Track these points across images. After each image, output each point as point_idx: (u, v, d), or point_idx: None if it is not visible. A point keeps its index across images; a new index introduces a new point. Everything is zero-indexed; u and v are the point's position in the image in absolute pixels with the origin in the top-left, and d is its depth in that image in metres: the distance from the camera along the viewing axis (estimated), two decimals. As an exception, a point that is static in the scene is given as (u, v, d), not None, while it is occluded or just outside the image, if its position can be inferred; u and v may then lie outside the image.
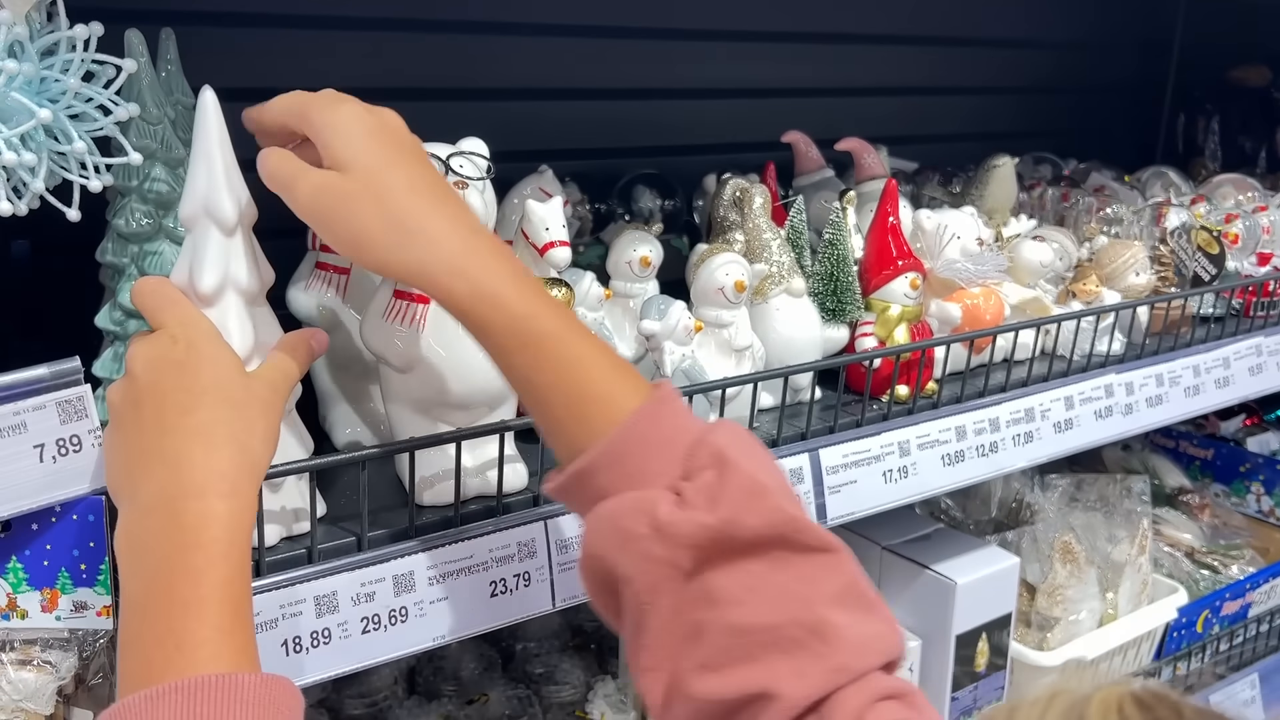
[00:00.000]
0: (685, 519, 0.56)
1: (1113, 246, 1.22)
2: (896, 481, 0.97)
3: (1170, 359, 1.21)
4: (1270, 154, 2.04)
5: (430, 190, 0.63)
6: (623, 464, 0.59)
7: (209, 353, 0.61)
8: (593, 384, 0.61)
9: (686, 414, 0.62)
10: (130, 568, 0.57)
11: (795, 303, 0.98)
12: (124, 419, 0.61)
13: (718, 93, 1.55)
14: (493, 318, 0.61)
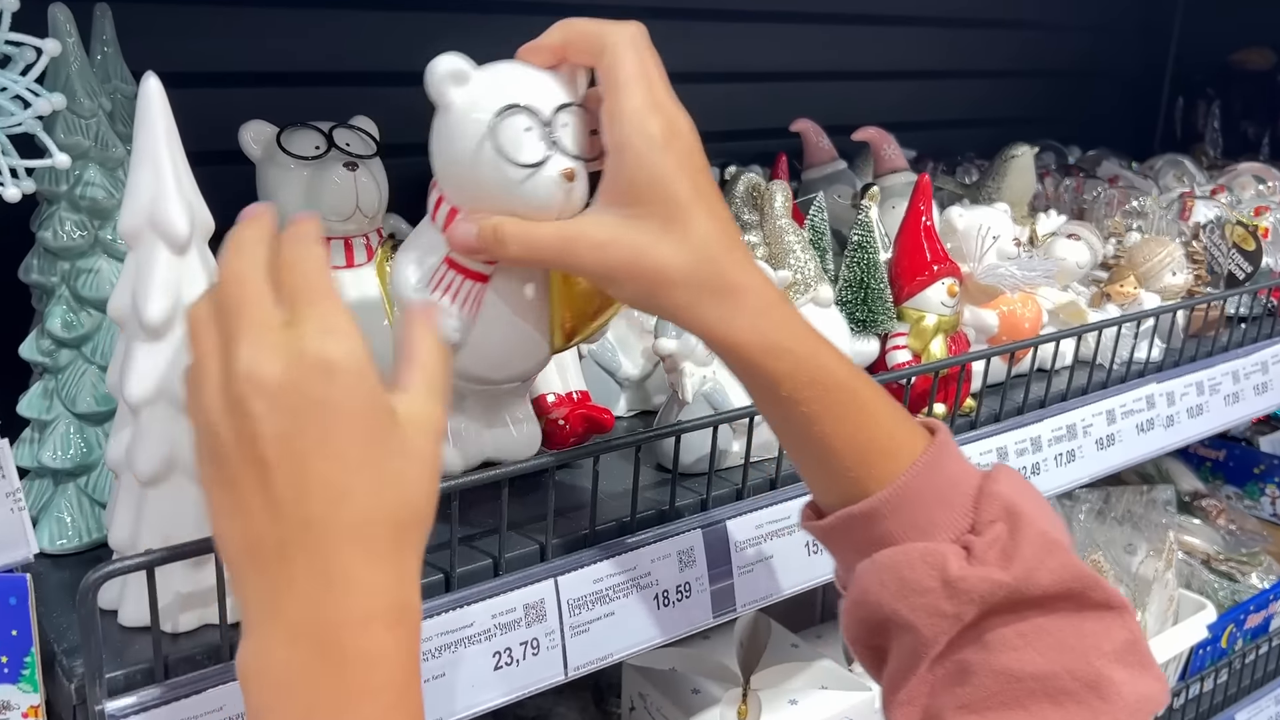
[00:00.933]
0: (978, 576, 0.54)
1: (1147, 244, 1.13)
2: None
3: (1210, 364, 1.12)
4: (1274, 140, 1.97)
5: (723, 227, 0.57)
6: (909, 512, 0.57)
7: (360, 391, 0.44)
8: (879, 430, 0.58)
9: (963, 459, 0.59)
10: (269, 704, 0.44)
11: (823, 313, 0.88)
12: (236, 472, 0.44)
13: (717, 76, 1.45)
14: (779, 370, 0.57)
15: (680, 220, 0.54)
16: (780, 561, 0.77)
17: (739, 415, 0.76)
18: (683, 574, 0.73)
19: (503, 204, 0.57)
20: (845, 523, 0.59)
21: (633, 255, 0.55)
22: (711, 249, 0.55)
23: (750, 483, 0.78)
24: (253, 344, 0.44)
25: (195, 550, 0.54)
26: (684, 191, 0.54)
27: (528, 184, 0.57)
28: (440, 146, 0.59)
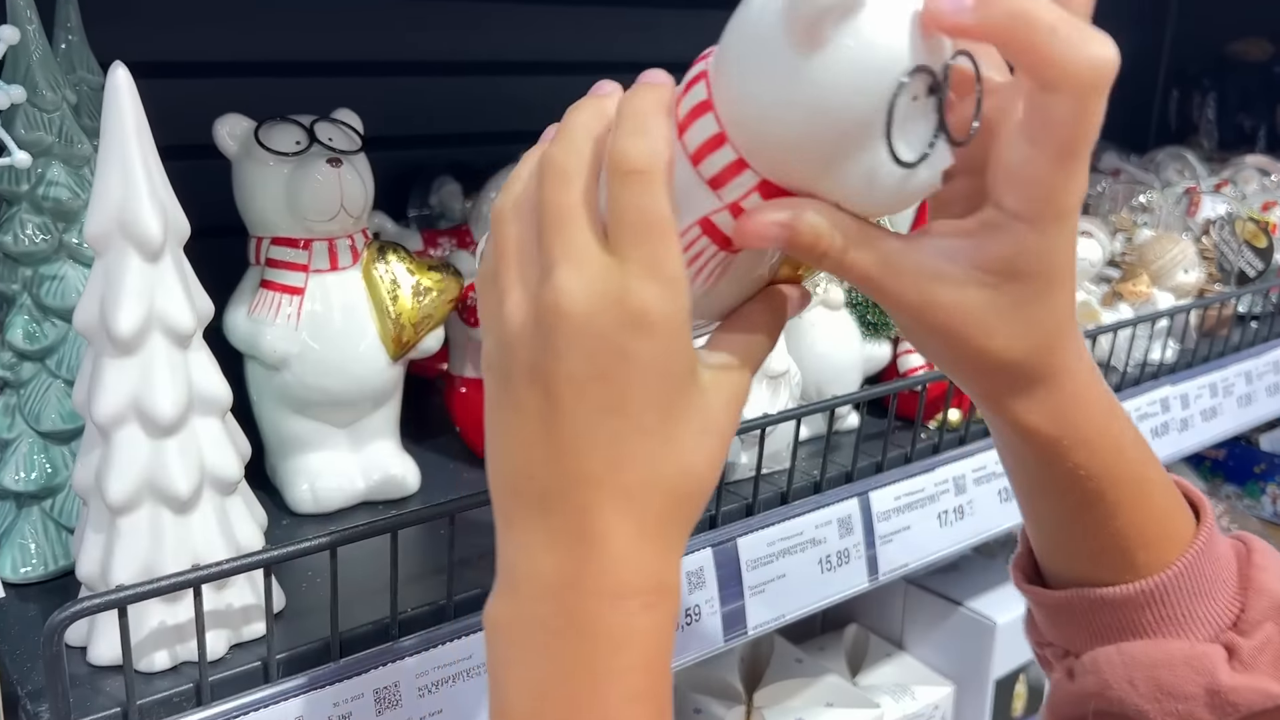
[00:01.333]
0: (1250, 687, 0.49)
1: (1158, 242, 1.10)
2: (953, 524, 0.84)
3: (1223, 365, 1.09)
4: (1270, 132, 1.95)
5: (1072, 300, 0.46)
6: (1170, 605, 0.50)
7: (672, 350, 0.39)
8: (1153, 519, 0.50)
9: (1223, 542, 0.52)
10: (509, 666, 0.41)
11: (832, 317, 0.84)
12: (524, 395, 0.40)
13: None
14: (1074, 458, 0.47)
15: (1039, 301, 0.42)
16: (793, 580, 0.73)
17: (749, 427, 0.71)
18: (692, 596, 0.68)
19: (829, 188, 0.40)
20: (1088, 603, 0.52)
21: (969, 328, 0.42)
22: (1055, 334, 0.44)
23: (761, 497, 0.74)
24: (570, 270, 0.39)
25: (171, 586, 0.49)
26: (1061, 271, 0.42)
27: (892, 186, 0.39)
28: (777, 97, 0.38)
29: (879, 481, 0.79)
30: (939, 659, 1.08)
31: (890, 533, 0.79)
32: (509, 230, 0.41)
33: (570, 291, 0.38)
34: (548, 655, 0.40)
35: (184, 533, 0.53)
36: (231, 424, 0.56)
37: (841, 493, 0.78)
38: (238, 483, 0.56)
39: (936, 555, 0.82)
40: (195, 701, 0.52)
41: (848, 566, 0.77)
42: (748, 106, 0.39)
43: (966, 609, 1.05)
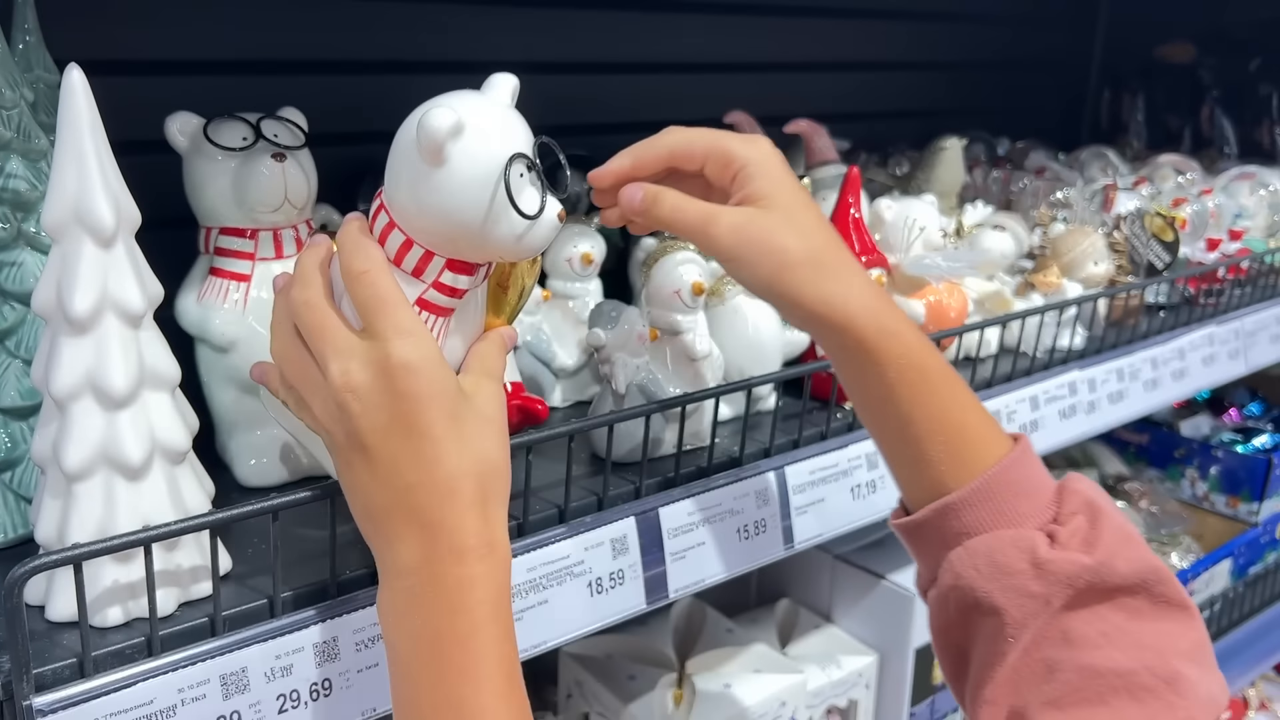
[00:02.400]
0: (1064, 559, 0.60)
1: (1070, 235, 1.16)
2: (865, 497, 0.89)
3: (1129, 352, 1.16)
4: (1195, 132, 2.03)
5: (832, 229, 0.67)
6: (998, 502, 0.63)
7: (431, 380, 0.55)
8: (971, 424, 0.65)
9: (1042, 465, 0.66)
10: (395, 629, 0.56)
11: (755, 304, 0.89)
12: (345, 453, 0.56)
13: (650, 67, 1.46)
14: (892, 351, 0.64)
15: (799, 218, 0.64)
16: (713, 547, 0.79)
17: (672, 404, 0.77)
18: (616, 561, 0.74)
19: (489, 251, 0.57)
20: (938, 514, 0.65)
21: (764, 236, 0.64)
22: (826, 242, 0.65)
23: (683, 470, 0.80)
24: (341, 360, 0.55)
25: (122, 545, 0.54)
26: (802, 201, 0.66)
27: (529, 235, 0.56)
28: (431, 201, 0.55)
29: (795, 457, 0.85)
30: (864, 630, 1.14)
31: (805, 505, 0.85)
32: (294, 358, 0.57)
33: (349, 372, 0.54)
34: (418, 610, 0.54)
35: (136, 499, 0.58)
36: (180, 398, 0.61)
37: (759, 467, 0.83)
38: (186, 453, 0.60)
39: (849, 526, 0.88)
40: (146, 653, 0.57)
41: (764, 535, 0.82)
42: (417, 217, 0.56)
43: (889, 582, 1.10)
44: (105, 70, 0.60)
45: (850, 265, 0.65)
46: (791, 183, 0.66)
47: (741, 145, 0.66)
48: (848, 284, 0.64)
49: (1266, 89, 1.94)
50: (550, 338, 0.91)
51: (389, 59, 1.20)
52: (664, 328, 0.82)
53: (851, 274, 0.65)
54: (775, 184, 0.65)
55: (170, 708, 0.56)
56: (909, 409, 0.64)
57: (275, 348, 0.58)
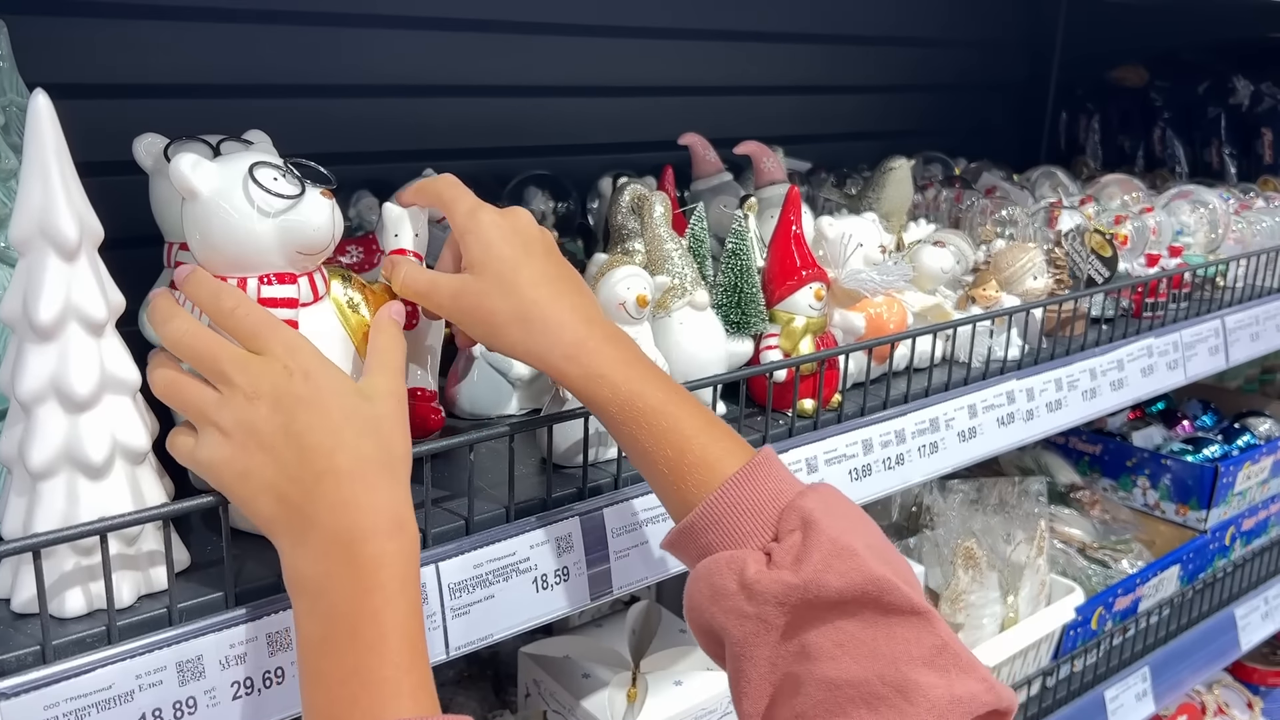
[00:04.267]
0: (770, 578, 0.61)
1: (1010, 250, 1.21)
2: (804, 500, 0.93)
3: (1068, 363, 1.21)
4: (1148, 153, 2.09)
5: (551, 284, 0.72)
6: (721, 524, 0.65)
7: (328, 382, 0.62)
8: (693, 451, 0.67)
9: (783, 477, 0.67)
10: (307, 608, 0.59)
11: (698, 316, 0.93)
12: (254, 457, 0.60)
13: (610, 90, 1.51)
14: (601, 395, 0.69)
15: (510, 281, 0.70)
16: (655, 547, 0.83)
17: (614, 410, 0.81)
18: (561, 559, 0.78)
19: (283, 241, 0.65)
20: (678, 538, 0.68)
21: (475, 301, 0.71)
22: (535, 300, 0.70)
23: (626, 474, 0.84)
24: (243, 373, 0.61)
25: (77, 534, 0.58)
26: (515, 264, 0.71)
27: (298, 215, 0.65)
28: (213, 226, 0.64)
29: (736, 461, 0.89)
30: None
31: (746, 506, 0.89)
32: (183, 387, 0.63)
33: (254, 384, 0.60)
34: (332, 589, 0.58)
35: (97, 496, 0.61)
36: (140, 402, 0.64)
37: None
38: (146, 453, 0.64)
39: (790, 527, 0.92)
40: (105, 641, 0.60)
41: (706, 536, 0.86)
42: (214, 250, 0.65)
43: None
44: (78, 93, 0.64)
45: (559, 319, 0.70)
46: (508, 247, 0.71)
47: (463, 215, 0.73)
48: (555, 338, 0.70)
49: (1215, 111, 2.00)
50: (505, 349, 0.95)
51: (351, 83, 1.25)
52: (610, 338, 0.86)
53: (560, 328, 0.70)
54: (486, 250, 0.71)
55: (128, 693, 0.60)
56: (632, 444, 0.70)
57: (161, 382, 0.63)
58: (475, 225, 0.72)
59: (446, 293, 0.72)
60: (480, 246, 0.71)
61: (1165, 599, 1.57)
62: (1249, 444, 1.81)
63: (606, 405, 0.69)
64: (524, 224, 0.74)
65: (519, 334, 0.70)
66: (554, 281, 0.72)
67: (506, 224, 0.73)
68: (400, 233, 0.79)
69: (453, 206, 0.73)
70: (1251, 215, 1.62)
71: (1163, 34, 2.09)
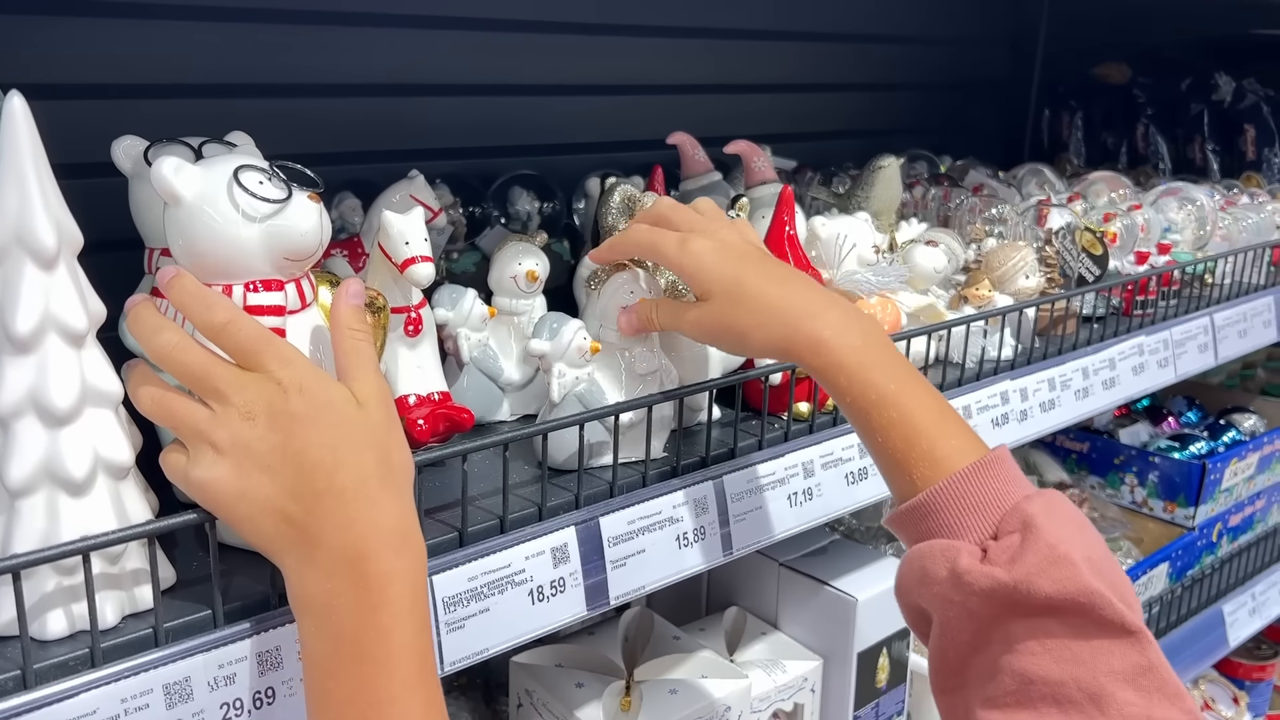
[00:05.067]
0: (981, 571, 0.63)
1: (1002, 250, 1.20)
2: (801, 504, 0.92)
3: (1060, 362, 1.20)
4: (1131, 149, 2.09)
5: (778, 284, 0.76)
6: (943, 514, 0.67)
7: (323, 396, 0.60)
8: (920, 445, 0.70)
9: (1012, 479, 0.68)
10: (314, 627, 0.58)
11: (692, 319, 0.92)
12: (252, 477, 0.58)
13: (596, 89, 1.49)
14: (839, 384, 0.73)
15: (738, 294, 0.76)
16: (652, 555, 0.81)
17: (605, 413, 0.79)
18: (557, 570, 0.76)
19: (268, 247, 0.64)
20: (899, 519, 0.71)
21: (717, 323, 0.78)
22: (769, 303, 0.75)
23: (622, 480, 0.82)
24: (238, 391, 0.59)
25: (59, 554, 0.55)
26: (736, 278, 0.76)
27: (285, 219, 0.63)
28: (197, 231, 0.63)
29: (732, 466, 0.88)
30: (809, 635, 1.16)
31: (743, 513, 0.87)
32: (177, 405, 0.60)
33: (250, 403, 0.58)
34: (341, 608, 0.57)
35: (78, 513, 0.59)
36: (123, 415, 0.62)
37: (697, 476, 0.86)
38: (129, 469, 0.62)
39: (786, 533, 0.91)
40: (89, 664, 0.58)
41: (704, 542, 0.85)
42: (200, 256, 0.63)
43: (832, 588, 1.13)
44: (56, 94, 0.61)
45: (794, 315, 0.74)
46: (726, 266, 0.77)
47: (674, 252, 0.78)
48: (794, 332, 0.74)
49: (1197, 107, 2.01)
50: (497, 353, 0.93)
51: (334, 83, 1.22)
52: (616, 344, 0.84)
53: (798, 321, 0.74)
54: (708, 276, 0.77)
55: (113, 717, 0.57)
56: (867, 430, 0.73)
57: (147, 400, 0.61)
58: (687, 258, 0.78)
59: (691, 322, 0.79)
60: (700, 275, 0.77)
61: (1154, 596, 1.56)
62: (1234, 440, 1.81)
63: (843, 394, 0.73)
64: (731, 240, 0.80)
65: (763, 337, 0.75)
66: (780, 282, 0.77)
67: (715, 245, 0.78)
68: (411, 240, 0.77)
69: (659, 250, 0.80)
70: (1237, 211, 1.62)
71: (1145, 30, 2.09)
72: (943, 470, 0.68)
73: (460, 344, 0.91)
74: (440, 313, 0.90)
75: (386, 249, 0.78)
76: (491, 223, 1.38)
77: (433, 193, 1.06)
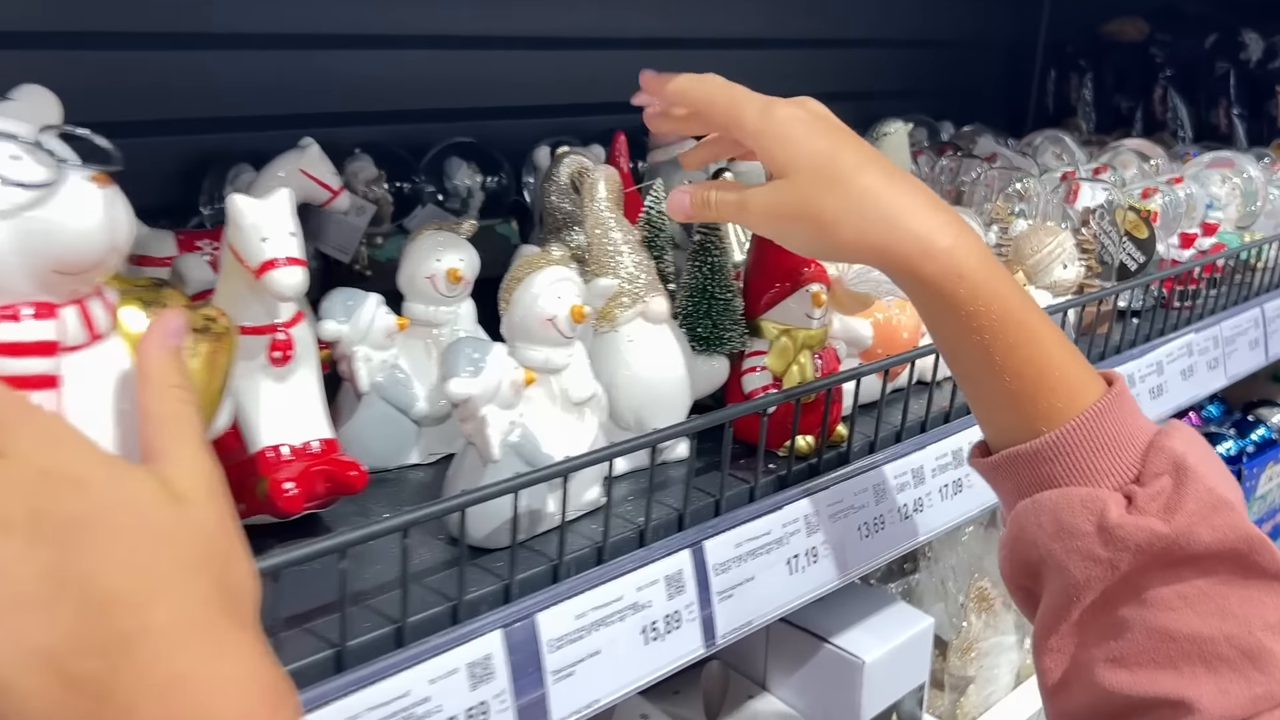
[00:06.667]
0: (1136, 525, 0.55)
1: (1034, 234, 1.00)
2: (804, 569, 0.72)
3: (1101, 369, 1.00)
4: (1147, 114, 1.91)
5: (880, 169, 0.62)
6: (1074, 456, 0.58)
7: (118, 491, 0.39)
8: (1053, 370, 0.59)
9: (1138, 412, 0.60)
10: None
11: (654, 330, 0.71)
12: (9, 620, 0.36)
13: (550, 42, 1.27)
14: (959, 296, 0.59)
15: (831, 171, 0.60)
16: (608, 657, 0.61)
17: (558, 472, 0.58)
18: (477, 693, 0.55)
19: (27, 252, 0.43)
20: (1011, 462, 0.61)
21: (797, 208, 0.61)
22: (869, 186, 0.60)
23: (572, 555, 0.61)
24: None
25: None
26: (829, 154, 0.61)
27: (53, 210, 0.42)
28: None
29: (716, 527, 0.67)
30: (805, 700, 0.97)
31: (729, 587, 0.67)
32: None
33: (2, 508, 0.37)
34: None
35: None
36: None
37: (670, 544, 0.65)
38: None
39: (786, 608, 0.71)
40: None
41: (678, 633, 0.64)
42: None
43: (833, 646, 0.94)
44: None
45: (901, 204, 0.60)
46: (819, 138, 0.61)
47: (755, 117, 0.62)
48: (903, 229, 0.59)
49: (1222, 67, 1.83)
50: (409, 377, 0.72)
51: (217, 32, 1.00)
52: (536, 365, 0.63)
53: (906, 215, 0.60)
54: (795, 147, 0.61)
55: None
56: (982, 355, 0.60)
57: None
58: (772, 124, 0.62)
59: (760, 208, 0.63)
60: (786, 146, 0.62)
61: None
62: (1265, 439, 1.63)
63: (960, 307, 0.59)
64: (824, 111, 0.64)
65: (855, 230, 0.60)
66: (881, 166, 0.62)
67: (807, 114, 0.63)
68: (271, 235, 0.56)
69: (738, 112, 0.63)
70: (1279, 181, 1.43)
71: (1163, -18, 1.91)
72: (1077, 404, 0.58)
73: (357, 367, 0.69)
74: (330, 326, 0.68)
75: (238, 248, 0.57)
76: (424, 200, 1.17)
77: (330, 166, 0.84)
